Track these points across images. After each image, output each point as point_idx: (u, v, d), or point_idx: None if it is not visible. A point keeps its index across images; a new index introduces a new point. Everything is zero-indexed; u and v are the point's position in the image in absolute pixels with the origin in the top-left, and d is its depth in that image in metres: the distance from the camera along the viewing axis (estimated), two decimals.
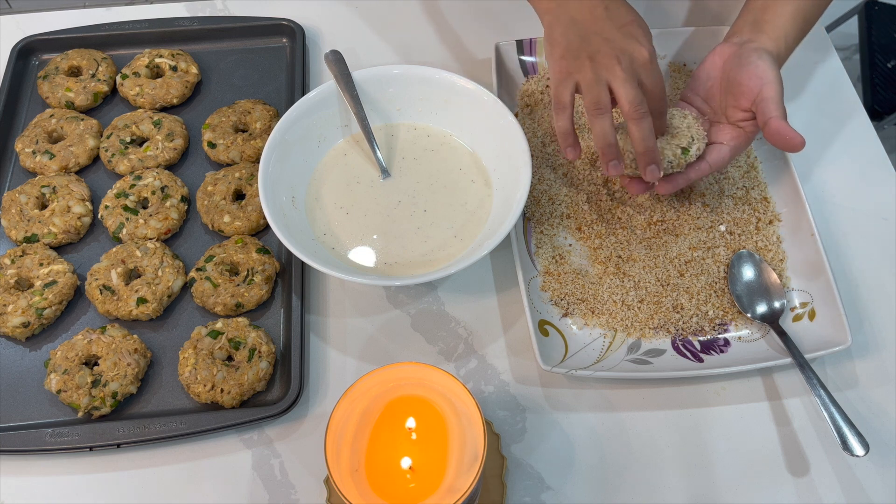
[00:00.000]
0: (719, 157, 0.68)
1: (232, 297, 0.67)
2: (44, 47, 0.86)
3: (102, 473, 0.62)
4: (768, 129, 0.64)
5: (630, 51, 0.63)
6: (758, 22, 0.68)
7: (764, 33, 0.68)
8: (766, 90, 0.64)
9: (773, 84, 0.64)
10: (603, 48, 0.63)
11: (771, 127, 0.63)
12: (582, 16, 0.66)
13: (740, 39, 0.68)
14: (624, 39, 0.64)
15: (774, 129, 0.63)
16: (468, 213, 0.70)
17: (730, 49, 0.68)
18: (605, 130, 0.63)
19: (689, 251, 0.71)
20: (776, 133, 0.63)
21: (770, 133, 0.64)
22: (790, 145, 0.63)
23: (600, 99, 0.63)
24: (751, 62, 0.65)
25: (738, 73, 0.66)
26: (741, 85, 0.66)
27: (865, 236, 0.73)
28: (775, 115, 0.63)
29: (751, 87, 0.65)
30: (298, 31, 0.86)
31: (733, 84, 0.67)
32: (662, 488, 0.61)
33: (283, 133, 0.70)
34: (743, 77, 0.65)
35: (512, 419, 0.64)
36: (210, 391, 0.63)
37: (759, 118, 0.65)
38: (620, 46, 0.63)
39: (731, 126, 0.68)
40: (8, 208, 0.72)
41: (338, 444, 0.48)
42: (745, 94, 0.66)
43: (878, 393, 0.65)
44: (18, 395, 0.65)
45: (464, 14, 0.91)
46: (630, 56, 0.63)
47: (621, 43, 0.64)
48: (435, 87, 0.74)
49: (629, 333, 0.67)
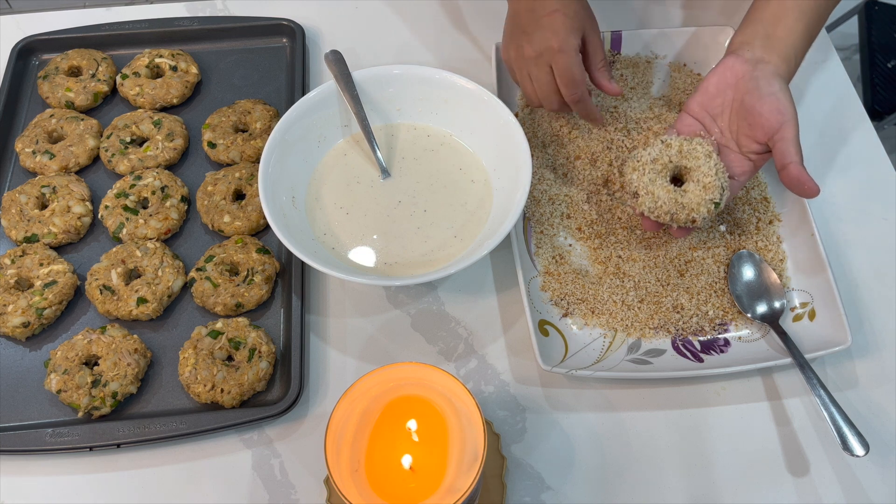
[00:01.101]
0: (731, 195, 0.68)
1: (232, 297, 0.67)
2: (44, 47, 0.86)
3: (102, 473, 0.62)
4: (787, 175, 0.63)
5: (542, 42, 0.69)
6: (770, 37, 0.67)
7: (776, 52, 0.66)
8: (786, 130, 0.63)
9: (792, 122, 0.64)
10: (527, 47, 0.70)
11: (791, 173, 0.63)
12: (516, 10, 0.72)
13: (752, 55, 0.66)
14: (539, 31, 0.68)
15: (795, 176, 0.63)
16: (468, 213, 0.70)
17: (742, 67, 0.66)
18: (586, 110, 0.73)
19: (689, 251, 0.71)
20: (796, 180, 0.63)
21: (789, 179, 0.63)
22: (806, 192, 0.64)
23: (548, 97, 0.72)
24: (771, 93, 0.64)
25: (756, 102, 0.65)
26: (760, 116, 0.64)
27: (865, 236, 0.73)
28: (795, 160, 0.63)
29: (770, 121, 0.64)
30: (298, 31, 0.86)
31: (750, 113, 0.65)
32: (662, 488, 0.61)
33: (283, 133, 0.70)
34: (763, 108, 0.64)
35: (512, 419, 0.64)
36: (210, 391, 0.63)
37: (778, 159, 0.64)
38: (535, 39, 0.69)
39: (743, 157, 0.67)
40: (8, 208, 0.72)
41: (338, 444, 0.48)
42: (762, 128, 0.65)
43: (878, 393, 0.65)
44: (18, 395, 0.65)
45: (464, 14, 0.91)
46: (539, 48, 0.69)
47: (536, 35, 0.69)
48: (435, 87, 0.74)
49: (629, 333, 0.67)
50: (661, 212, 0.66)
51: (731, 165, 0.68)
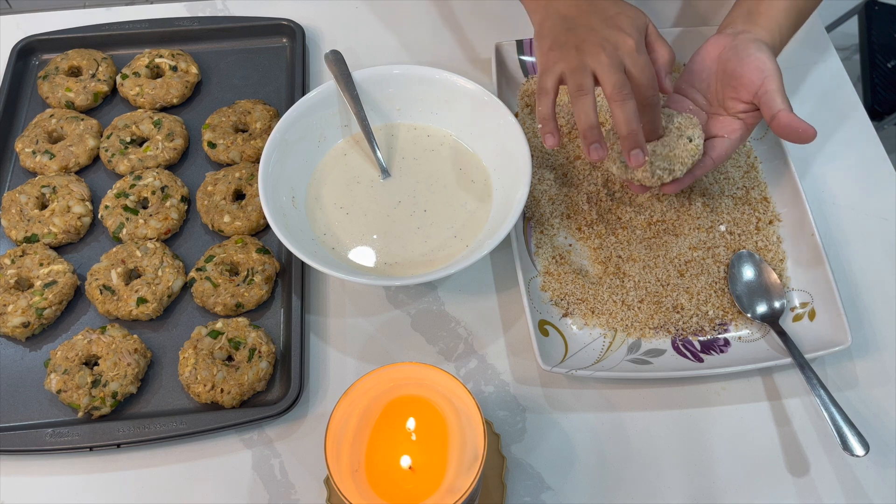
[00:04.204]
0: (722, 151, 0.68)
1: (232, 297, 0.67)
2: (44, 47, 0.86)
3: (102, 473, 0.62)
4: (778, 123, 0.63)
5: (614, 40, 0.64)
6: (752, 13, 0.69)
7: (758, 25, 0.68)
8: (769, 83, 0.64)
9: (774, 76, 0.64)
10: (588, 37, 0.64)
11: (781, 120, 0.63)
12: (569, 11, 0.67)
13: (734, 30, 0.68)
14: (609, 29, 0.65)
15: (785, 122, 0.63)
16: (468, 213, 0.70)
17: (724, 40, 0.68)
18: (586, 111, 0.63)
19: (689, 251, 0.71)
20: (787, 126, 0.63)
21: (780, 126, 0.63)
22: (802, 137, 0.63)
23: (583, 83, 0.63)
24: (749, 53, 0.65)
25: (736, 64, 0.66)
26: (742, 77, 0.65)
27: (865, 236, 0.73)
28: (783, 107, 0.63)
29: (752, 79, 0.65)
30: (298, 31, 0.86)
31: (732, 76, 0.66)
32: (662, 488, 0.61)
33: (283, 133, 0.70)
34: (743, 69, 0.65)
35: (512, 419, 0.64)
36: (210, 391, 0.63)
37: (766, 112, 0.64)
38: (604, 35, 0.64)
39: (731, 118, 0.68)
40: (8, 208, 0.72)
41: (338, 444, 0.48)
42: (745, 87, 0.65)
43: (878, 393, 0.65)
44: (18, 395, 0.65)
45: (464, 14, 0.91)
46: (614, 44, 0.64)
47: (605, 32, 0.64)
48: (435, 87, 0.74)
49: (629, 333, 0.67)
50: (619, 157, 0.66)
51: (720, 127, 0.68)
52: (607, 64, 0.62)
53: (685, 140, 0.66)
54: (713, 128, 0.69)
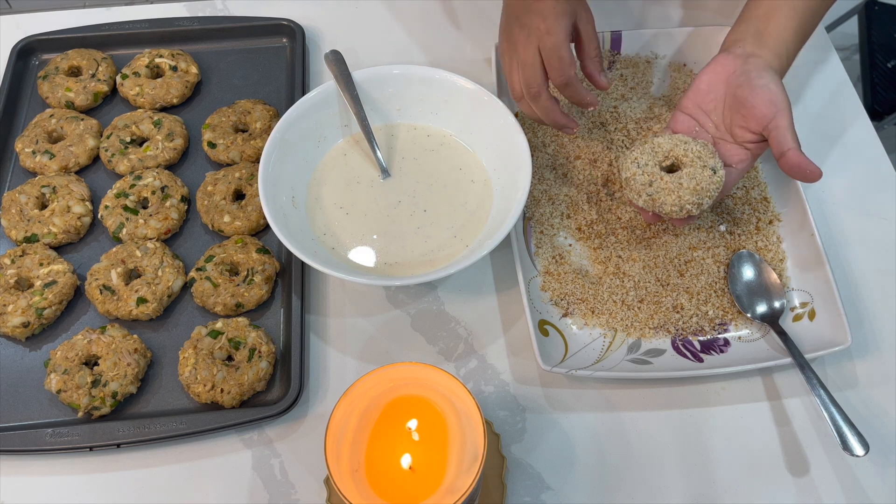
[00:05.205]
0: (730, 182, 0.67)
1: (232, 297, 0.67)
2: (44, 47, 0.86)
3: (102, 473, 0.62)
4: (787, 161, 0.63)
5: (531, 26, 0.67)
6: (761, 34, 0.67)
7: (767, 48, 0.67)
8: (780, 118, 0.64)
9: (785, 111, 0.64)
10: (518, 32, 0.68)
11: (790, 159, 0.63)
12: (508, 2, 0.70)
13: (743, 51, 0.67)
14: (528, 16, 0.67)
15: (794, 162, 0.63)
16: (468, 213, 0.70)
17: (734, 62, 0.67)
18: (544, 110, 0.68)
19: (689, 251, 0.71)
20: (796, 166, 0.63)
21: (789, 165, 0.63)
22: (809, 177, 0.63)
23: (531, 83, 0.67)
24: (762, 84, 0.65)
25: (748, 93, 0.65)
26: (753, 108, 0.65)
27: (865, 236, 0.73)
28: (792, 146, 0.63)
29: (764, 112, 0.64)
30: (298, 31, 0.86)
31: (742, 105, 0.66)
32: (662, 488, 0.61)
33: (283, 133, 0.70)
34: (755, 99, 0.65)
35: (512, 419, 0.64)
36: (210, 391, 0.63)
37: (775, 148, 0.64)
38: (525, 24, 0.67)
39: (738, 147, 0.68)
40: (8, 208, 0.72)
41: (338, 444, 0.48)
42: (756, 118, 0.65)
43: (878, 393, 0.65)
44: (18, 395, 0.65)
45: (464, 14, 0.91)
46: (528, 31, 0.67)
47: (526, 20, 0.67)
48: (435, 87, 0.74)
49: (629, 333, 0.67)
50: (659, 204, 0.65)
51: (728, 155, 0.68)
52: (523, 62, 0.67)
53: (709, 172, 0.65)
54: (721, 155, 0.68)
